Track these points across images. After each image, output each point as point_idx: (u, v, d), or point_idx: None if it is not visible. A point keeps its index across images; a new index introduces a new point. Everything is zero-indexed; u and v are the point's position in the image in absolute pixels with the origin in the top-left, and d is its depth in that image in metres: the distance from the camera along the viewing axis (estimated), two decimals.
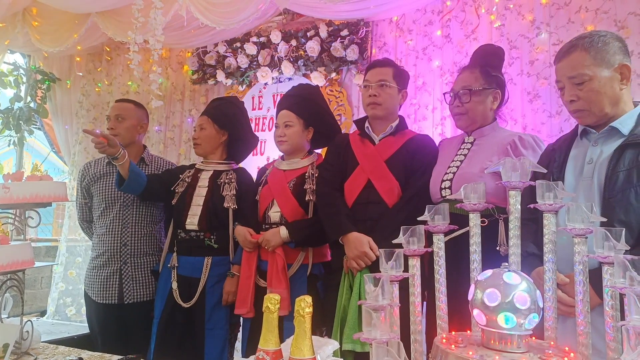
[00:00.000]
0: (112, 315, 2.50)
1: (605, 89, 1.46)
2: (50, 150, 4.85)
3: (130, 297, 2.49)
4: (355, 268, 1.91)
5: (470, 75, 1.92)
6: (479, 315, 0.95)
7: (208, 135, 2.46)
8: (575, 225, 1.06)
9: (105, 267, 2.52)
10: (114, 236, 2.52)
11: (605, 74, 1.46)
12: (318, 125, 2.32)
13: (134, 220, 2.54)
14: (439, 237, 1.20)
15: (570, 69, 1.50)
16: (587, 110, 1.50)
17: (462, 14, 3.05)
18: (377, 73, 2.11)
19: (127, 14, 2.80)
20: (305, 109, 2.29)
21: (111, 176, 2.58)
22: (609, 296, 1.00)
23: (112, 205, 2.55)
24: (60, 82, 4.42)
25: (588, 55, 1.47)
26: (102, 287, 2.50)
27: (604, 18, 2.67)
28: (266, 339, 1.09)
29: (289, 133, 2.25)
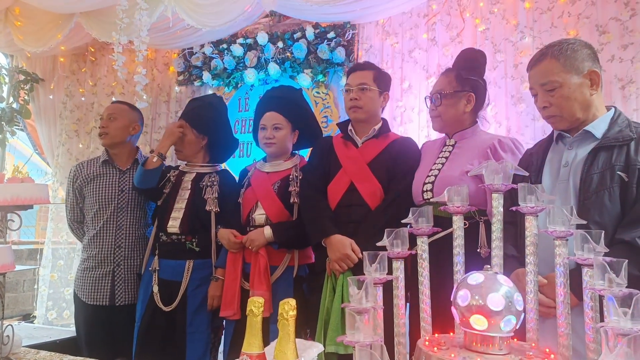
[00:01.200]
0: (100, 317, 2.48)
1: (576, 94, 1.51)
2: (33, 151, 4.78)
3: (122, 299, 2.48)
4: (337, 270, 1.91)
5: (445, 80, 1.96)
6: (457, 316, 0.96)
7: (189, 141, 2.45)
8: (556, 227, 1.07)
9: (97, 268, 2.49)
10: (108, 238, 2.50)
11: (575, 81, 1.51)
12: (303, 129, 2.33)
13: (129, 223, 2.53)
14: (423, 239, 1.20)
15: (542, 76, 1.55)
16: (558, 116, 1.55)
17: (447, 18, 3.08)
18: (358, 77, 2.13)
19: (111, 15, 2.77)
20: (293, 111, 2.28)
21: (105, 177, 2.56)
22: (588, 298, 1.02)
23: (106, 206, 2.52)
24: (44, 83, 4.36)
25: (558, 62, 1.52)
26: (94, 289, 2.48)
27: (585, 23, 2.71)
28: (250, 342, 1.08)
29: (279, 136, 2.24)
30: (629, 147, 1.44)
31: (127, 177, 2.57)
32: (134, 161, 2.61)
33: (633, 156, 1.42)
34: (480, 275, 0.99)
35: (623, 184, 1.40)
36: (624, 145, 1.44)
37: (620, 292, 0.89)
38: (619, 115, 1.53)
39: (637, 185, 1.40)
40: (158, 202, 2.44)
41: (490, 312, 0.92)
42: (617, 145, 1.45)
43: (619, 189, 1.41)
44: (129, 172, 2.58)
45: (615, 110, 1.55)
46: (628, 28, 2.61)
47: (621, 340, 0.82)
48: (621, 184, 1.41)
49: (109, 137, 2.56)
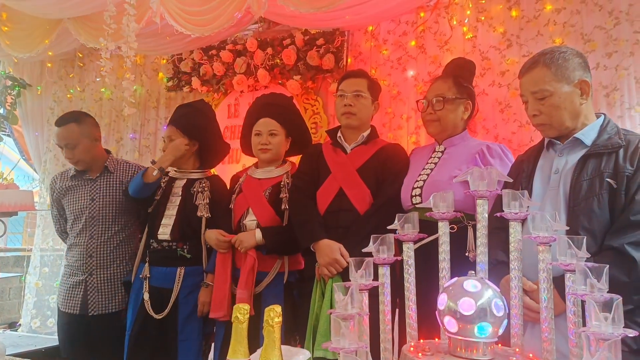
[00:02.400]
0: (77, 325, 2.43)
1: (566, 104, 1.53)
2: (20, 157, 4.72)
3: (95, 309, 2.42)
4: (326, 275, 1.92)
5: (444, 85, 1.96)
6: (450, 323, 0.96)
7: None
8: (539, 233, 1.09)
9: (72, 276, 2.46)
10: (81, 247, 2.46)
11: (565, 90, 1.52)
12: (296, 136, 2.34)
13: (100, 231, 2.47)
14: (409, 245, 1.21)
15: (533, 85, 1.56)
16: (548, 124, 1.57)
17: (435, 26, 3.11)
18: (352, 83, 2.14)
19: (99, 20, 2.75)
20: (287, 119, 2.30)
21: (77, 189, 2.52)
22: (571, 303, 1.03)
23: (79, 216, 2.48)
24: (31, 88, 4.32)
25: (549, 71, 1.53)
26: (68, 297, 2.45)
27: (571, 31, 2.76)
28: (235, 349, 1.08)
29: (275, 142, 2.25)
30: (618, 154, 1.45)
31: (98, 185, 2.51)
32: (104, 168, 2.54)
33: (621, 163, 1.43)
34: (461, 280, 1.00)
35: (612, 190, 1.41)
36: (612, 153, 1.45)
37: (601, 297, 0.90)
38: (608, 122, 1.55)
39: (625, 192, 1.40)
40: (149, 209, 2.41)
41: (461, 316, 0.92)
42: (606, 153, 1.46)
43: (607, 195, 1.42)
44: (99, 180, 2.52)
45: (604, 118, 1.56)
46: (612, 36, 2.65)
47: (602, 345, 0.82)
48: (610, 190, 1.41)
49: (81, 164, 2.50)
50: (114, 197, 2.51)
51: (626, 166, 1.42)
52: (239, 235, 2.16)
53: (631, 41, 2.62)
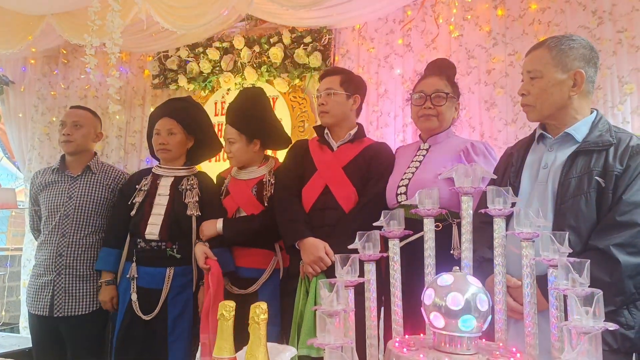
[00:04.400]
0: (45, 327, 2.38)
1: (553, 90, 1.50)
2: (3, 155, 4.66)
3: (61, 310, 2.34)
4: (311, 273, 1.92)
5: (440, 81, 1.96)
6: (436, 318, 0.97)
7: (179, 142, 2.38)
8: (522, 229, 1.10)
9: (40, 277, 2.40)
10: (51, 246, 2.40)
11: (557, 76, 1.49)
12: (262, 137, 2.31)
13: (72, 230, 2.40)
14: (394, 242, 1.22)
15: (530, 63, 1.55)
16: (532, 106, 1.55)
17: (422, 24, 3.13)
18: (325, 82, 2.17)
19: (84, 16, 2.72)
20: (246, 123, 2.26)
21: (57, 185, 2.48)
22: (554, 297, 1.04)
23: (54, 214, 2.43)
24: (14, 85, 4.25)
25: (549, 54, 1.51)
26: (36, 297, 2.38)
27: (555, 30, 2.79)
28: (220, 346, 1.07)
29: (234, 149, 2.26)
30: (608, 152, 1.42)
31: (78, 183, 2.47)
32: (86, 167, 2.51)
33: (611, 162, 1.40)
34: (445, 275, 1.00)
35: (600, 189, 1.39)
36: (602, 150, 1.43)
37: (582, 292, 0.91)
38: (600, 119, 1.51)
39: (613, 191, 1.38)
40: (131, 213, 2.34)
41: (448, 311, 0.93)
42: (597, 150, 1.43)
43: (595, 194, 1.40)
44: (79, 179, 2.49)
45: (597, 114, 1.53)
46: (595, 36, 2.69)
47: (583, 338, 0.84)
48: (598, 189, 1.39)
49: (73, 145, 2.47)
50: (92, 198, 2.46)
51: (615, 165, 1.40)
52: (202, 224, 2.21)
53: (614, 40, 2.67)
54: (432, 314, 0.95)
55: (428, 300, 0.97)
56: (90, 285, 2.40)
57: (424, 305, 0.97)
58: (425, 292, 0.98)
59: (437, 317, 0.94)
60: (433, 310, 0.95)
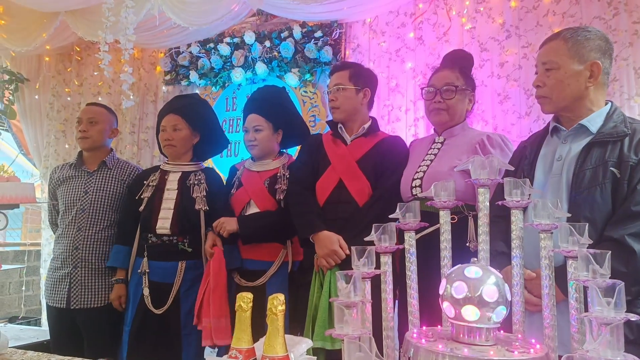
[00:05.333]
0: (62, 319, 2.44)
1: (570, 81, 1.49)
2: (18, 152, 4.71)
3: (77, 302, 2.40)
4: (325, 266, 1.92)
5: (452, 74, 1.95)
6: (448, 308, 0.97)
7: (184, 137, 2.41)
8: (541, 221, 1.09)
9: (58, 270, 2.46)
10: (67, 239, 2.46)
11: (574, 67, 1.49)
12: (286, 127, 2.34)
13: (88, 224, 2.46)
14: (410, 234, 1.21)
15: (545, 55, 1.54)
16: (548, 98, 1.54)
17: (434, 17, 3.10)
18: (335, 78, 2.17)
19: (97, 13, 2.74)
20: (273, 112, 2.29)
21: (74, 180, 2.53)
22: (573, 289, 1.03)
23: (70, 208, 2.49)
24: (29, 83, 4.30)
25: (565, 45, 1.50)
26: (53, 290, 2.44)
27: (570, 22, 2.75)
28: (239, 337, 1.09)
29: (260, 137, 2.27)
30: (623, 143, 1.42)
31: (94, 178, 2.53)
32: (102, 163, 2.56)
33: (626, 152, 1.40)
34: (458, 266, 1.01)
35: (615, 180, 1.39)
36: (617, 141, 1.42)
37: (603, 283, 0.91)
38: (615, 110, 1.51)
39: (628, 181, 1.38)
40: (140, 209, 2.38)
41: (483, 303, 0.93)
42: (611, 141, 1.43)
43: (610, 185, 1.39)
44: (95, 174, 2.54)
45: (611, 105, 1.52)
46: (611, 27, 2.65)
47: (604, 329, 0.83)
48: (613, 180, 1.39)
49: (89, 141, 2.53)
50: (107, 193, 2.51)
51: (630, 155, 1.39)
52: (222, 218, 2.19)
53: (630, 31, 2.62)
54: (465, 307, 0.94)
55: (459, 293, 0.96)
56: (105, 278, 2.45)
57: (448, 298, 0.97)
58: (453, 285, 0.97)
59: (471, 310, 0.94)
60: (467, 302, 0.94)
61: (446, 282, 0.98)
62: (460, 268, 1.00)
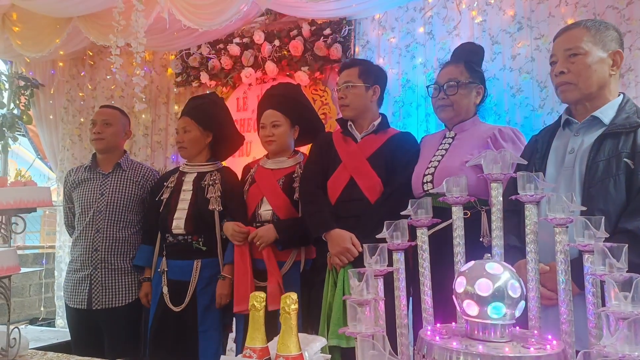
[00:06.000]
0: (84, 320, 2.48)
1: (597, 66, 1.49)
2: (35, 156, 4.79)
3: (99, 303, 2.44)
4: (338, 264, 1.92)
5: (456, 69, 1.94)
6: (469, 306, 0.96)
7: (193, 138, 2.44)
8: (555, 215, 1.07)
9: (77, 271, 2.50)
10: (86, 241, 2.49)
11: (599, 54, 1.50)
12: (303, 124, 2.34)
13: (106, 226, 2.50)
14: (423, 230, 1.21)
15: (568, 42, 1.53)
16: (573, 84, 1.52)
17: (443, 11, 3.07)
18: (344, 75, 2.16)
19: (108, 18, 2.77)
20: (291, 108, 2.30)
21: (89, 182, 2.57)
22: (590, 284, 1.02)
23: (87, 210, 2.53)
24: (44, 88, 4.37)
25: (588, 32, 1.51)
26: (74, 291, 2.48)
27: (583, 12, 2.71)
28: (252, 337, 1.09)
29: (278, 133, 2.26)
30: (636, 133, 1.41)
31: (109, 180, 2.56)
32: (116, 165, 2.60)
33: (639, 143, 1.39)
34: (474, 262, 1.00)
35: (629, 171, 1.38)
36: (630, 132, 1.42)
37: (620, 277, 0.89)
38: (627, 101, 1.51)
39: None
40: (160, 209, 2.43)
41: (479, 298, 0.92)
42: (624, 132, 1.42)
43: (624, 176, 1.38)
44: (110, 176, 2.58)
45: (624, 97, 1.53)
46: (625, 16, 2.60)
47: (622, 324, 0.82)
48: (627, 171, 1.38)
49: (104, 143, 2.57)
50: (123, 194, 2.55)
51: None
52: (258, 230, 2.16)
53: None
54: (466, 301, 0.94)
55: (460, 287, 0.95)
56: (125, 278, 2.49)
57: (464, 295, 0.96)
58: (458, 280, 0.97)
59: (470, 305, 0.93)
60: (466, 298, 0.94)
61: (464, 279, 0.96)
62: (480, 265, 0.98)
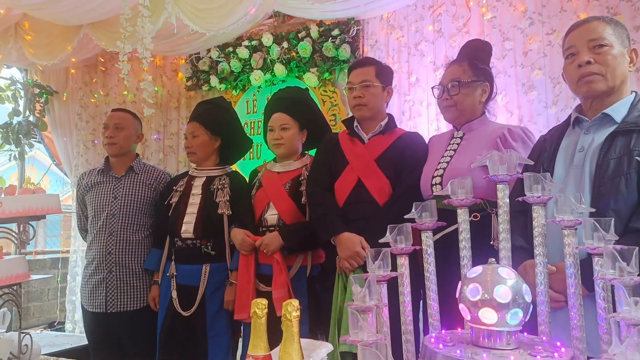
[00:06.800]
0: (102, 323, 2.49)
1: (621, 60, 1.46)
2: (51, 162, 4.87)
3: (114, 306, 2.46)
4: (347, 268, 1.89)
5: (459, 68, 1.91)
6: (463, 311, 0.94)
7: (202, 143, 2.45)
8: (564, 216, 1.04)
9: (93, 275, 2.51)
10: (100, 245, 2.51)
11: (620, 49, 1.47)
12: (312, 128, 2.32)
13: (119, 229, 2.51)
14: (427, 234, 1.18)
15: (591, 32, 1.48)
16: (601, 75, 1.46)
17: (453, 8, 3.03)
18: (360, 74, 2.10)
19: (117, 24, 2.79)
20: (300, 111, 2.28)
21: (102, 185, 2.59)
22: (600, 288, 0.98)
23: (100, 213, 2.54)
24: (58, 95, 4.44)
25: (609, 26, 1.48)
26: (91, 295, 2.50)
27: (595, 5, 2.65)
28: (255, 344, 1.07)
29: (287, 136, 2.24)
30: None
31: (122, 184, 2.58)
32: (129, 168, 2.62)
33: None
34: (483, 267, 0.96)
35: None
36: None
37: (631, 281, 0.86)
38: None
39: None
40: (169, 213, 2.43)
41: (498, 305, 0.89)
42: (637, 130, 1.38)
43: (636, 175, 1.34)
44: (123, 179, 2.59)
45: (636, 95, 1.49)
46: (639, 9, 2.53)
47: (632, 331, 0.78)
48: (638, 170, 1.34)
49: (116, 147, 2.58)
50: (136, 197, 2.56)
51: None
52: (264, 238, 2.15)
53: None
54: (482, 309, 0.90)
55: (474, 295, 0.92)
56: (140, 281, 2.50)
57: (465, 300, 0.93)
58: (469, 287, 0.94)
59: (488, 312, 0.90)
60: (481, 305, 0.91)
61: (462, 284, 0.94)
62: (493, 270, 0.95)
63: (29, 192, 1.78)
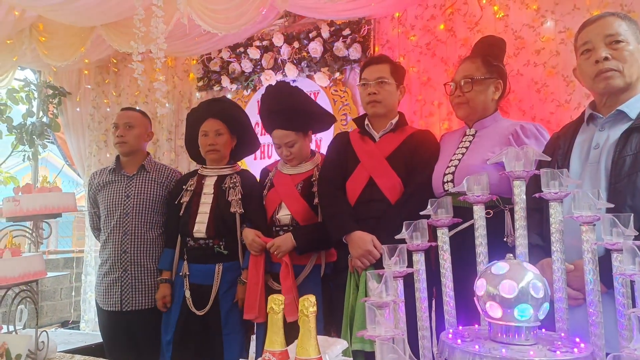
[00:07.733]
0: (117, 322, 2.50)
1: (637, 56, 1.45)
2: (64, 163, 4.92)
3: (129, 305, 2.46)
4: (360, 267, 1.89)
5: (472, 65, 1.90)
6: (491, 308, 0.93)
7: (226, 142, 2.44)
8: (582, 212, 1.04)
9: (108, 274, 2.52)
10: (114, 244, 2.51)
11: (636, 45, 1.46)
12: (313, 124, 2.31)
13: (133, 228, 2.52)
14: (443, 231, 1.18)
15: (608, 28, 1.47)
16: (619, 71, 1.45)
17: (464, 7, 3.02)
18: (375, 70, 2.09)
19: (130, 25, 2.82)
20: (298, 119, 2.22)
21: (114, 184, 2.59)
22: (619, 284, 0.98)
23: (113, 212, 2.55)
24: (71, 96, 4.48)
25: (624, 22, 1.47)
26: (106, 294, 2.51)
27: (609, 2, 2.62)
28: (272, 340, 1.08)
29: (295, 151, 2.22)
30: None
31: (134, 182, 2.58)
32: (140, 167, 2.62)
33: None
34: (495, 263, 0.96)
35: None
36: None
37: None
38: None
39: None
40: (180, 213, 2.42)
41: (501, 300, 0.89)
42: None
43: None
44: (135, 178, 2.59)
45: None
46: None
47: None
48: None
49: (127, 146, 2.58)
50: (148, 196, 2.56)
51: None
52: (275, 240, 2.15)
53: None
54: (488, 303, 0.91)
55: (481, 290, 0.92)
56: (155, 279, 2.50)
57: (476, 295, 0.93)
58: (479, 282, 0.94)
59: (492, 307, 0.90)
60: (488, 300, 0.91)
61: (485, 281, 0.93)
62: (502, 266, 0.95)
63: (45, 190, 1.80)
